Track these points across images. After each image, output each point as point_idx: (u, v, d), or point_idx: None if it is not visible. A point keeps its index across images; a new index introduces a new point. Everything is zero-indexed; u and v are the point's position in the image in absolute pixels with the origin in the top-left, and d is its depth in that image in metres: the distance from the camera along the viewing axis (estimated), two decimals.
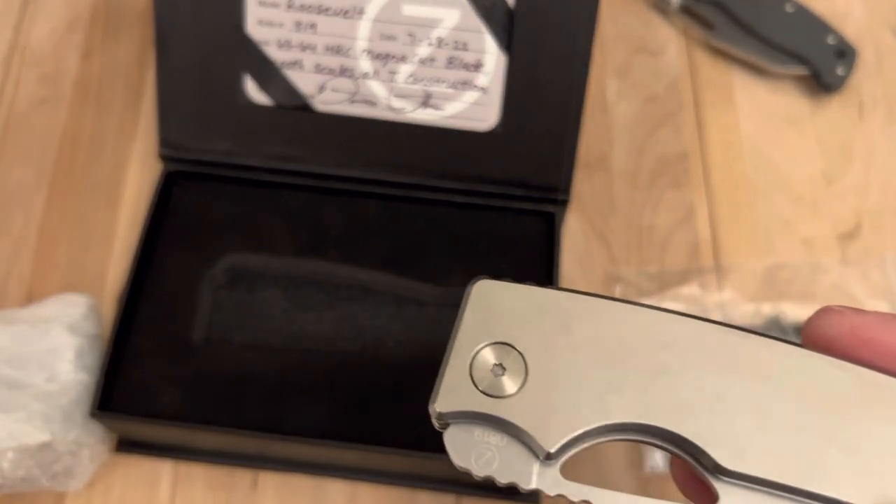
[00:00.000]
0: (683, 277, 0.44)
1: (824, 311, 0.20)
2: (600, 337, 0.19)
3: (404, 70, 0.41)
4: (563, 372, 0.19)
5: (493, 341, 0.20)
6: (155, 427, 0.38)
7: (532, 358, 0.19)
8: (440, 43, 0.41)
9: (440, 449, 0.21)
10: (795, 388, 0.19)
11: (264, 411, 0.39)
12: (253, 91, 0.42)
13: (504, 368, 0.19)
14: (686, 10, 0.51)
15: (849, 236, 0.46)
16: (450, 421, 0.19)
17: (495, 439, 0.19)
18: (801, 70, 0.50)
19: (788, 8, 0.50)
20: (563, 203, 0.43)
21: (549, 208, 0.43)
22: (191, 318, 0.41)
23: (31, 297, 0.44)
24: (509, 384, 0.19)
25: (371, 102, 0.42)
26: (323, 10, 0.41)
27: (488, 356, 0.20)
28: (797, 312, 0.44)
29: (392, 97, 0.42)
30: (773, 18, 0.50)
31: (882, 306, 0.44)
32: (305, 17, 0.41)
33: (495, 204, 0.43)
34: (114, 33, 0.51)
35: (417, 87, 0.42)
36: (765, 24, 0.50)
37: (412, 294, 0.42)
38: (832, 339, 0.20)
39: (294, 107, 0.42)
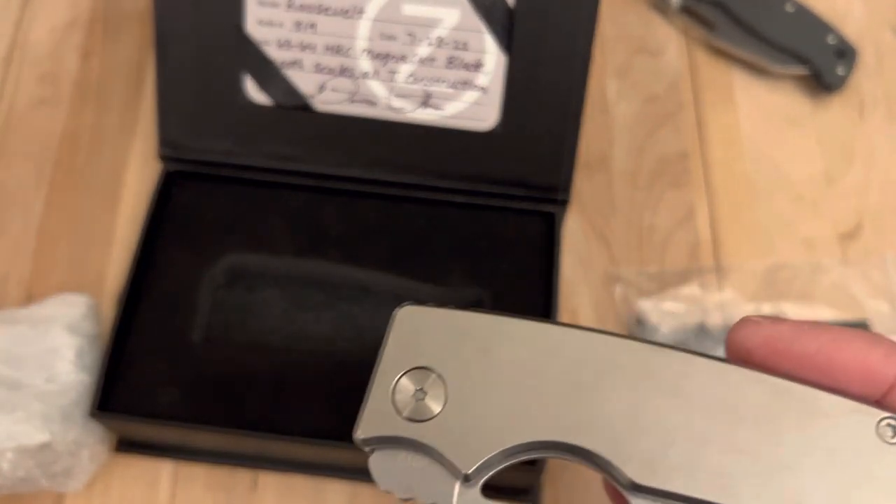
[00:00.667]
0: (683, 277, 0.44)
1: (742, 323, 0.21)
2: (518, 358, 0.20)
3: (404, 70, 0.41)
4: (480, 394, 0.20)
5: (414, 366, 0.20)
6: (155, 427, 0.38)
7: (452, 381, 0.20)
8: (440, 43, 0.41)
9: None
10: (709, 402, 0.19)
11: (264, 411, 0.39)
12: (253, 91, 0.42)
13: (425, 392, 0.20)
14: (686, 10, 0.51)
15: (849, 236, 0.46)
16: (374, 446, 0.20)
17: (417, 462, 0.20)
18: (801, 70, 0.50)
19: (788, 8, 0.50)
20: (563, 203, 0.43)
21: (549, 208, 0.43)
22: (191, 318, 0.41)
23: (30, 297, 0.44)
24: (430, 408, 0.20)
25: (371, 102, 0.42)
26: (323, 10, 0.41)
27: (410, 381, 0.20)
28: (797, 312, 0.44)
29: (392, 97, 0.42)
30: (774, 18, 0.50)
31: (882, 306, 0.44)
32: (305, 17, 0.41)
33: (495, 204, 0.43)
34: (114, 33, 0.51)
35: (417, 87, 0.42)
36: (765, 23, 0.50)
37: (412, 294, 0.42)
38: (749, 350, 0.20)
39: (294, 107, 0.42)
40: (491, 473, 0.20)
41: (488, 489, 0.20)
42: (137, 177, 0.47)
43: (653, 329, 0.43)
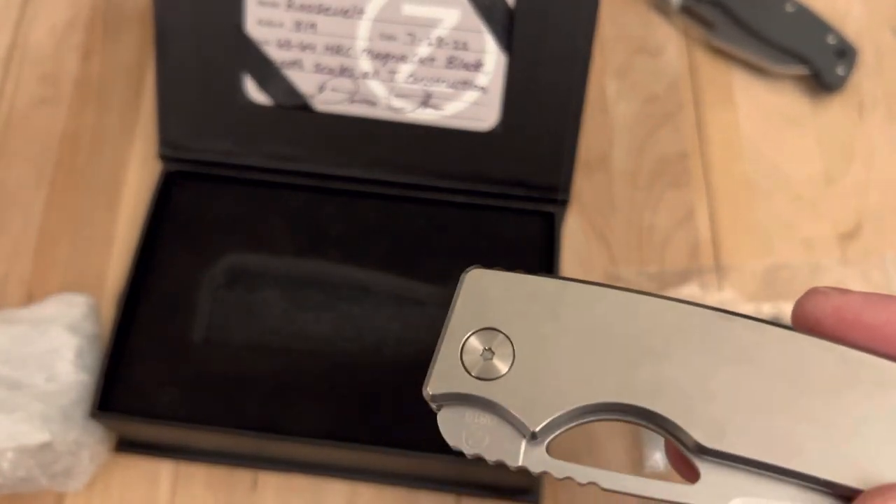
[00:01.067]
0: (683, 277, 0.44)
1: (811, 293, 0.21)
2: (586, 321, 0.20)
3: (404, 70, 0.41)
4: (549, 355, 0.20)
5: (482, 327, 0.21)
6: (155, 427, 0.38)
7: (520, 342, 0.20)
8: (440, 43, 0.41)
9: (440, 449, 0.21)
10: (778, 369, 0.19)
11: (264, 411, 0.39)
12: (253, 91, 0.42)
13: (493, 352, 0.20)
14: (686, 10, 0.51)
15: (849, 236, 0.46)
16: (443, 403, 0.20)
17: (485, 420, 0.20)
18: (801, 70, 0.50)
19: (788, 7, 0.50)
20: (563, 203, 0.43)
21: (549, 208, 0.43)
22: (190, 318, 0.41)
23: (30, 297, 0.44)
24: (498, 367, 0.20)
25: (371, 102, 0.42)
26: (323, 10, 0.41)
27: (478, 341, 0.20)
28: None
29: (392, 97, 0.42)
30: (773, 18, 0.50)
31: None
32: (305, 17, 0.41)
33: (495, 204, 0.43)
34: (114, 33, 0.51)
35: (417, 87, 0.42)
36: (765, 23, 0.50)
37: (412, 294, 0.42)
38: (818, 319, 0.20)
39: (294, 107, 0.42)
40: (557, 433, 0.20)
41: (486, 489, 0.20)
42: (137, 177, 0.47)
43: None
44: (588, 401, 0.20)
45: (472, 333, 0.21)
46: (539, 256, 0.43)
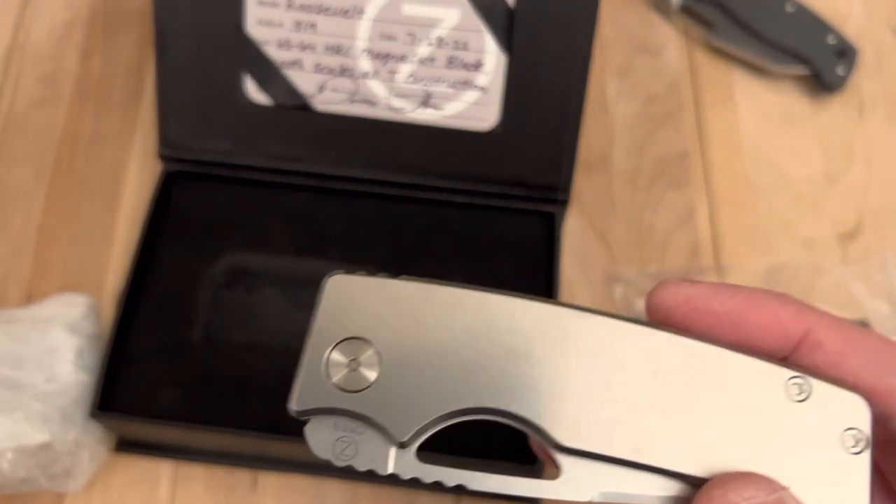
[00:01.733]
0: (683, 277, 0.44)
1: (661, 284, 0.22)
2: (449, 325, 0.20)
3: (404, 70, 0.41)
4: (414, 362, 0.20)
5: (347, 336, 0.20)
6: (154, 427, 0.38)
7: (385, 351, 0.20)
8: (440, 43, 0.41)
9: (440, 448, 0.21)
10: (631, 365, 0.20)
11: (264, 411, 0.39)
12: (253, 91, 0.42)
13: (359, 363, 0.20)
14: (686, 10, 0.51)
15: (849, 236, 0.46)
16: (309, 417, 0.20)
17: (353, 431, 0.20)
18: (801, 70, 0.50)
19: (788, 7, 0.50)
20: (563, 203, 0.43)
21: (549, 208, 0.43)
22: (191, 318, 0.41)
23: (30, 297, 0.44)
24: (364, 378, 0.20)
25: (371, 102, 0.42)
26: (323, 10, 0.41)
27: (343, 352, 0.20)
28: None
29: (392, 97, 0.42)
30: (774, 18, 0.50)
31: (882, 306, 0.44)
32: (305, 17, 0.41)
33: (495, 204, 0.43)
34: (113, 33, 0.51)
35: (417, 87, 0.42)
36: (765, 23, 0.50)
37: None
38: (670, 310, 0.21)
39: (294, 107, 0.42)
40: (425, 437, 0.20)
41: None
42: (137, 177, 0.47)
43: None
44: (452, 407, 0.20)
45: (337, 344, 0.20)
46: (539, 256, 0.42)
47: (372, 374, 0.20)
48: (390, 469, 0.20)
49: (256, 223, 0.43)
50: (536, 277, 0.42)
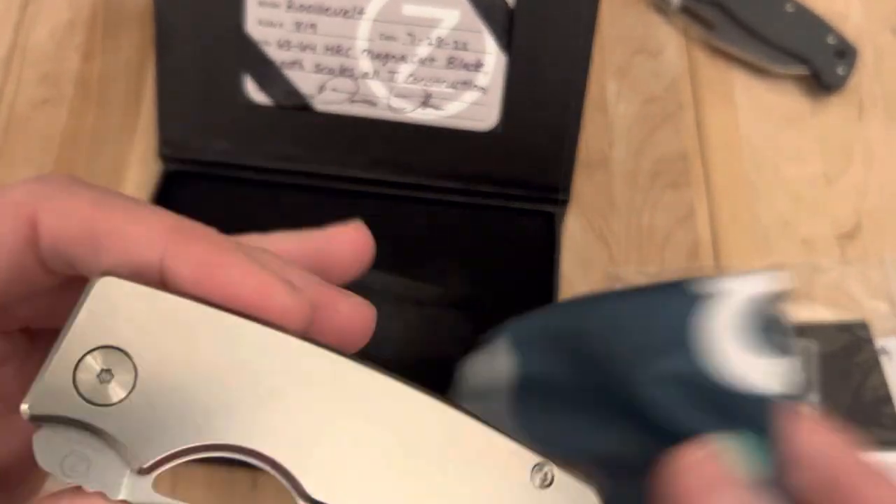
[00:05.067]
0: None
1: None
2: (217, 354, 0.19)
3: (404, 70, 0.41)
4: (172, 385, 0.19)
5: (105, 344, 0.18)
6: None
7: (144, 368, 0.18)
8: (440, 43, 0.41)
9: None
10: (393, 426, 0.19)
11: None
12: (253, 91, 0.42)
13: (112, 375, 0.18)
14: (686, 10, 0.51)
15: (848, 236, 0.46)
16: (42, 423, 0.18)
17: (88, 446, 0.18)
18: (801, 70, 0.50)
19: (788, 8, 0.50)
20: (563, 203, 0.43)
21: (549, 208, 0.43)
22: None
23: None
24: (114, 392, 0.18)
25: (371, 102, 0.42)
26: (323, 10, 0.41)
27: (97, 360, 0.18)
28: (796, 312, 0.44)
29: (392, 97, 0.42)
30: (773, 18, 0.50)
31: (881, 306, 0.44)
32: (305, 17, 0.41)
33: (495, 204, 0.43)
34: (114, 33, 0.51)
35: (417, 87, 0.42)
36: (765, 23, 0.50)
37: (412, 294, 0.42)
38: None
39: (294, 107, 0.42)
40: (166, 467, 0.19)
41: None
42: (137, 177, 0.47)
43: None
44: (204, 440, 0.19)
45: (92, 350, 0.18)
46: (539, 256, 0.43)
47: (123, 391, 0.18)
48: (122, 495, 0.18)
49: (256, 223, 0.43)
50: (536, 277, 0.42)
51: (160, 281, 0.19)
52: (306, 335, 0.20)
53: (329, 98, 0.42)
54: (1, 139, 0.48)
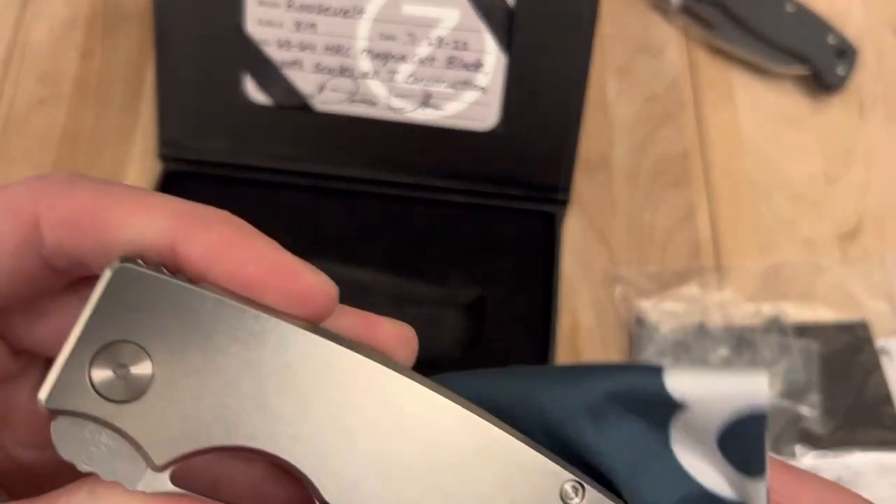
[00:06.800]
0: (684, 277, 0.44)
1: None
2: (239, 351, 0.18)
3: (404, 70, 0.41)
4: (191, 384, 0.18)
5: (121, 339, 0.18)
6: None
7: (161, 364, 0.18)
8: (440, 43, 0.41)
9: None
10: (419, 439, 0.19)
11: None
12: (253, 91, 0.42)
13: (128, 370, 0.18)
14: (686, 10, 0.51)
15: (849, 236, 0.46)
16: (59, 414, 0.18)
17: (107, 439, 0.18)
18: (801, 70, 0.50)
19: (789, 7, 0.50)
20: (563, 203, 0.43)
21: (549, 208, 0.43)
22: None
23: None
24: (130, 389, 0.18)
25: (371, 102, 0.42)
26: (323, 10, 0.41)
27: (114, 354, 0.18)
28: (797, 312, 0.44)
29: (392, 97, 0.42)
30: (774, 18, 0.50)
31: (882, 306, 0.44)
32: (305, 17, 0.41)
33: (495, 204, 0.43)
34: (113, 33, 0.51)
35: (417, 87, 0.42)
36: (765, 23, 0.50)
37: (412, 294, 0.42)
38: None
39: (294, 107, 0.42)
40: (183, 463, 0.18)
41: None
42: (137, 177, 0.47)
43: (652, 328, 0.43)
44: (222, 442, 0.18)
45: (109, 344, 0.18)
46: (539, 256, 0.43)
47: (141, 388, 0.18)
48: (140, 487, 0.18)
49: (256, 223, 0.43)
50: (536, 277, 0.42)
51: (174, 267, 0.18)
52: (333, 332, 0.19)
53: (329, 98, 0.42)
54: None
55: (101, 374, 0.18)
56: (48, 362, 0.21)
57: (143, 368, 0.18)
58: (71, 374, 0.18)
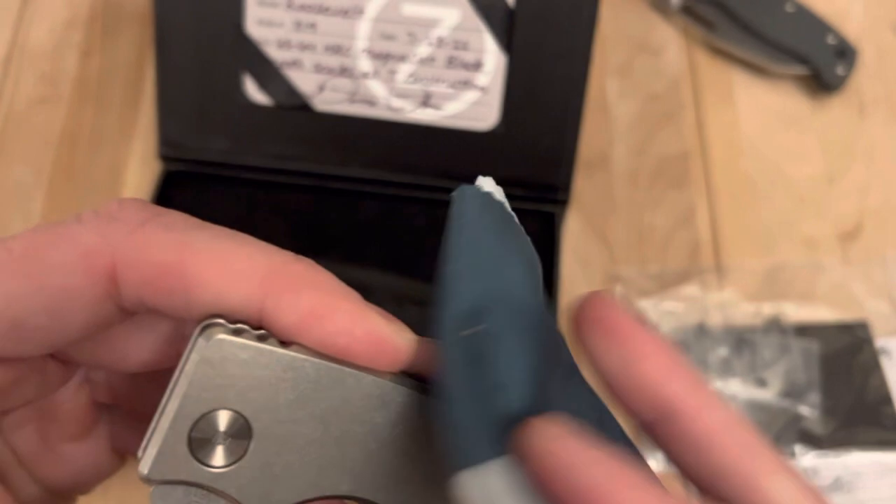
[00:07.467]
0: (684, 277, 0.44)
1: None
2: (327, 405, 0.18)
3: (404, 70, 0.41)
4: (287, 442, 0.18)
5: (219, 407, 0.18)
6: None
7: (258, 428, 0.18)
8: (440, 43, 0.41)
9: None
10: None
11: None
12: (253, 91, 0.42)
13: (227, 437, 0.18)
14: (686, 10, 0.51)
15: (850, 236, 0.46)
16: (160, 484, 0.18)
17: (205, 498, 0.18)
18: (801, 70, 0.50)
19: (789, 7, 0.50)
20: (563, 203, 0.43)
21: (549, 208, 0.43)
22: None
23: None
24: (229, 454, 0.18)
25: (371, 102, 0.42)
26: (323, 10, 0.41)
27: (212, 422, 0.18)
28: (798, 312, 0.44)
29: (392, 97, 0.42)
30: (774, 18, 0.50)
31: (883, 306, 0.44)
32: (305, 17, 0.41)
33: None
34: (113, 32, 0.51)
35: (417, 87, 0.42)
36: (765, 23, 0.50)
37: (412, 294, 0.42)
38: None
39: (294, 107, 0.42)
40: None
41: None
42: (137, 177, 0.47)
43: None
44: (323, 493, 0.19)
45: (207, 413, 0.18)
46: (539, 256, 0.42)
47: (238, 452, 0.18)
48: None
49: (256, 223, 0.43)
50: None
51: (257, 324, 0.18)
52: (413, 380, 0.19)
53: (329, 98, 0.42)
54: None
55: (201, 443, 0.18)
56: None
57: (241, 433, 0.18)
58: (170, 446, 0.18)
